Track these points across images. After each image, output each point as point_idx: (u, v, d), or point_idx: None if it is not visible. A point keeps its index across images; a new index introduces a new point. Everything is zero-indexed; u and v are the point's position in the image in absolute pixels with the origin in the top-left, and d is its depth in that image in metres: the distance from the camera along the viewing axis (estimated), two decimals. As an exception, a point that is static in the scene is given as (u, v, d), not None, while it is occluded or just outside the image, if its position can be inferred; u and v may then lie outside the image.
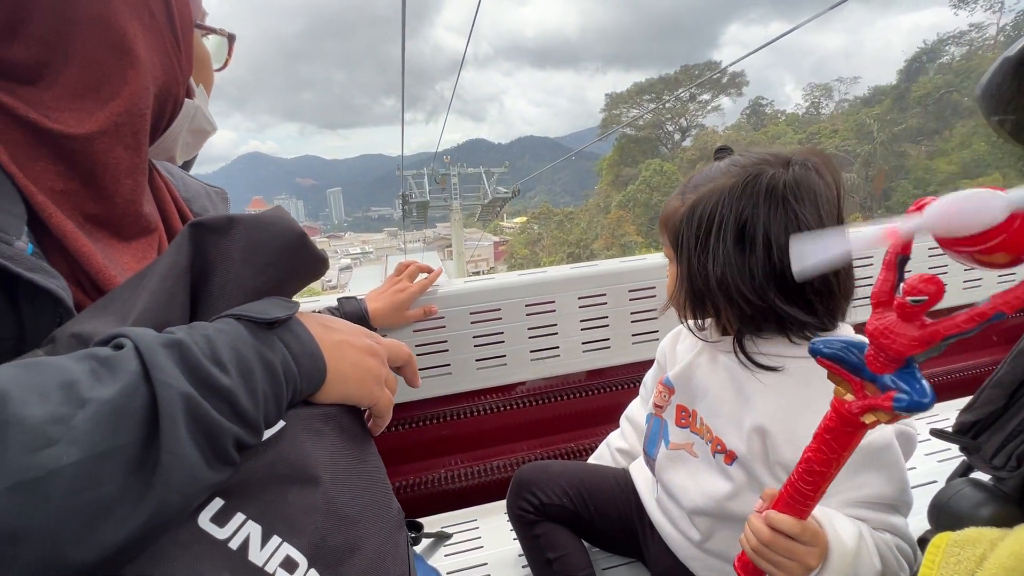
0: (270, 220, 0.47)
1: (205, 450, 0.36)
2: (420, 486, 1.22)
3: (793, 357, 0.65)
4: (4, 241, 0.41)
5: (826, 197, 0.62)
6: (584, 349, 1.25)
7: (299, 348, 0.45)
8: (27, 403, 0.30)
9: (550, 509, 0.89)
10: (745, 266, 0.62)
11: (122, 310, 0.43)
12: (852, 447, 0.48)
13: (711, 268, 0.64)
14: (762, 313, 0.63)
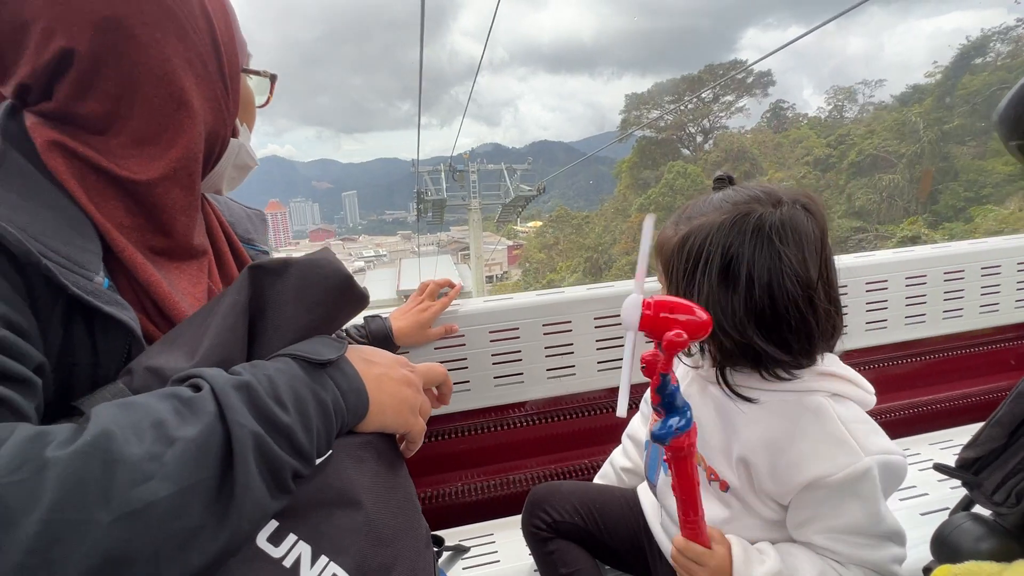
0: (320, 264, 0.53)
1: (269, 482, 0.41)
2: (439, 498, 1.27)
3: (765, 391, 0.67)
4: (86, 277, 0.46)
5: (812, 237, 0.63)
6: (599, 368, 1.29)
7: (347, 385, 0.50)
8: (128, 441, 0.35)
9: (562, 527, 0.93)
10: (728, 302, 0.63)
11: (190, 345, 0.48)
12: (685, 473, 0.59)
13: (695, 300, 0.65)
14: (741, 348, 0.64)
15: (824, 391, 0.64)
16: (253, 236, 0.77)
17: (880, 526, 0.62)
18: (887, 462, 0.61)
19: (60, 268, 0.44)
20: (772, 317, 0.62)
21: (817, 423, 0.63)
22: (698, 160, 34.40)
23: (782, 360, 0.63)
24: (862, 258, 1.41)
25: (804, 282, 0.62)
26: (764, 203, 0.64)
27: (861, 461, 0.59)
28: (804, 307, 0.62)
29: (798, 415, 0.64)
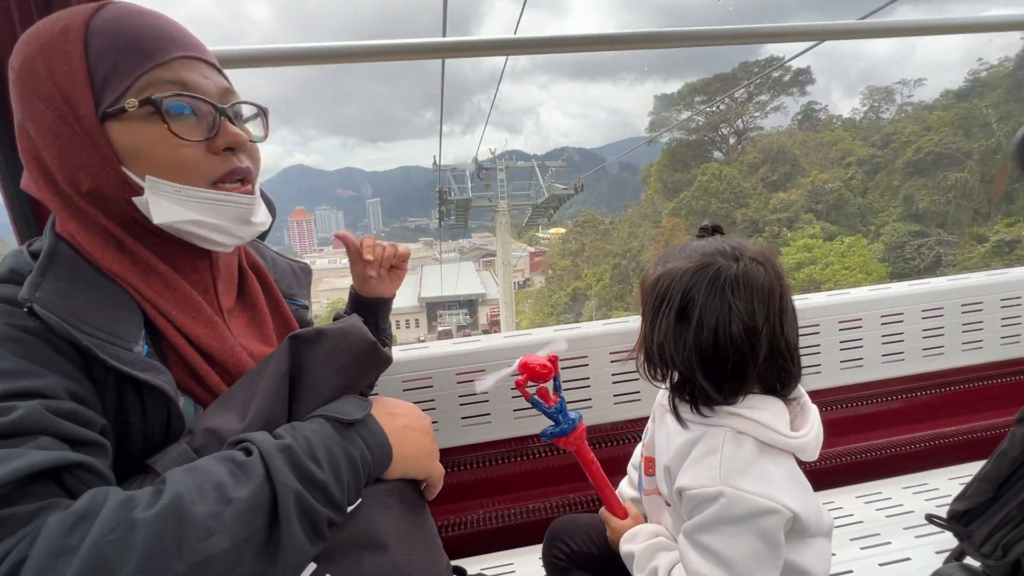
0: (348, 332, 0.61)
1: (308, 532, 0.49)
2: (458, 527, 1.33)
3: (694, 421, 0.76)
4: (125, 348, 0.54)
5: (767, 289, 0.71)
6: (615, 401, 1.34)
7: (373, 440, 0.58)
8: (195, 502, 0.43)
9: (579, 557, 0.98)
10: (681, 338, 0.73)
11: (240, 407, 0.56)
12: (583, 460, 0.89)
13: (655, 335, 0.75)
14: (684, 381, 0.76)
15: (728, 427, 0.72)
16: (295, 291, 0.85)
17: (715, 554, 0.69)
18: (740, 499, 0.67)
19: (101, 343, 0.52)
20: (714, 357, 0.71)
21: (705, 447, 0.73)
22: (733, 161, 32.90)
23: (712, 397, 0.73)
24: (835, 296, 1.43)
25: (748, 329, 0.70)
26: (727, 257, 0.73)
27: (715, 487, 0.68)
28: (745, 351, 0.70)
29: (700, 438, 0.74)
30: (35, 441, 0.44)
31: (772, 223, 28.26)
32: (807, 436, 0.73)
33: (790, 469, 0.72)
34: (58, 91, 0.54)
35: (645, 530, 0.87)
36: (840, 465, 1.47)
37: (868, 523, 1.23)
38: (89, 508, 0.41)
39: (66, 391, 0.49)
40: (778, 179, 30.36)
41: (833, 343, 1.41)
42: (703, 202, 29.73)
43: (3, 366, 0.47)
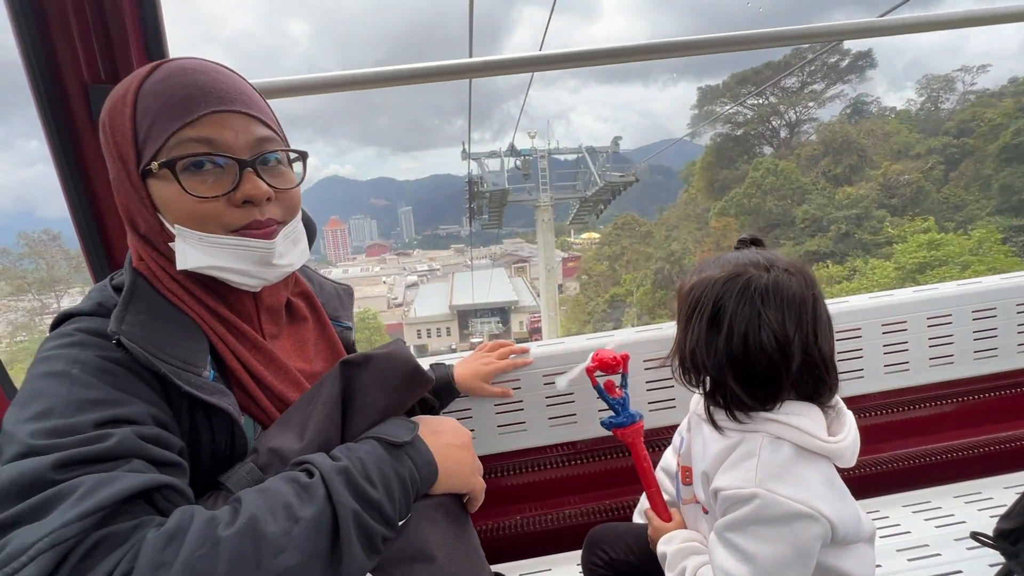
0: (394, 356, 0.66)
1: (365, 546, 0.53)
2: (498, 531, 1.36)
3: (729, 427, 0.77)
4: (195, 373, 0.60)
5: (798, 300, 0.72)
6: (650, 408, 1.34)
7: (420, 460, 0.62)
8: (267, 522, 0.48)
9: (618, 564, 1.00)
10: (712, 344, 0.75)
11: (299, 428, 0.61)
12: (636, 456, 0.98)
13: (688, 341, 0.78)
14: (717, 386, 0.78)
15: (766, 432, 0.73)
16: (340, 313, 0.91)
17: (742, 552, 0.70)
18: (774, 502, 0.68)
19: (177, 371, 0.58)
20: (744, 363, 0.73)
21: (742, 452, 0.74)
22: (788, 155, 30.39)
23: (745, 403, 0.74)
24: (877, 298, 1.39)
25: (780, 338, 0.71)
26: (758, 267, 0.75)
27: (749, 489, 0.70)
28: (777, 359, 0.71)
29: (738, 444, 0.75)
30: (129, 464, 0.49)
31: (839, 221, 25.44)
32: (844, 441, 0.73)
33: (827, 475, 0.73)
34: (117, 148, 0.61)
35: (681, 535, 0.89)
36: (886, 472, 1.42)
37: (916, 534, 1.20)
38: (179, 526, 0.46)
39: (150, 416, 0.55)
40: (842, 172, 28.04)
41: (876, 347, 1.37)
42: (756, 200, 27.35)
43: (98, 395, 0.53)
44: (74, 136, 1.03)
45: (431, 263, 71.37)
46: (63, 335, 0.58)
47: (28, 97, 1.00)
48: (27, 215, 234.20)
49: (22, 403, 0.52)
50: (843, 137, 28.87)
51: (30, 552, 0.41)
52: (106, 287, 0.65)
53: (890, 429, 1.46)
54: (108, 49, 1.03)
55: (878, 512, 1.28)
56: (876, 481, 1.41)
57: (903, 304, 1.37)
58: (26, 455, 0.47)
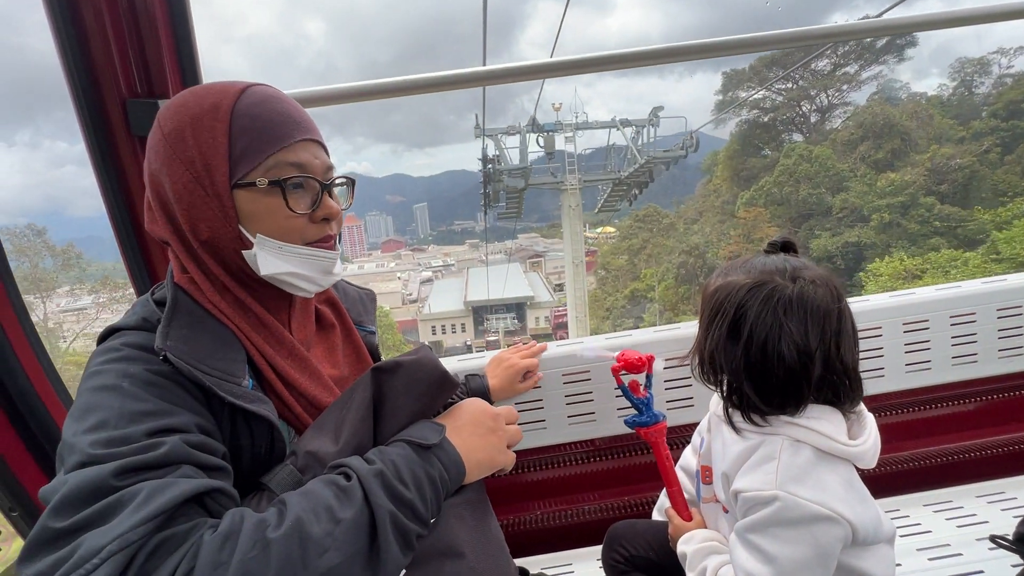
0: (422, 363, 0.69)
1: (401, 544, 0.57)
2: (520, 525, 1.39)
3: (748, 428, 0.78)
4: (235, 383, 0.64)
5: (823, 312, 0.73)
6: (669, 407, 1.36)
7: (448, 460, 0.65)
8: (311, 523, 0.52)
9: (638, 561, 1.02)
10: (731, 351, 0.76)
11: (334, 432, 0.65)
12: (658, 456, 0.99)
13: (708, 343, 0.79)
14: (734, 390, 0.80)
15: (786, 435, 0.75)
16: (363, 318, 0.95)
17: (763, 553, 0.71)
18: (795, 504, 0.69)
19: (219, 382, 0.62)
20: (762, 371, 0.74)
21: (763, 454, 0.75)
22: (824, 140, 28.10)
23: (759, 408, 0.76)
24: (898, 297, 1.38)
25: (801, 350, 0.71)
26: (784, 276, 0.75)
27: (770, 491, 0.71)
28: (796, 370, 0.72)
29: (758, 446, 0.77)
30: (179, 470, 0.53)
31: (881, 209, 23.52)
32: (865, 444, 0.74)
33: (847, 478, 0.74)
34: (200, 158, 0.65)
35: (701, 534, 0.90)
36: (906, 471, 1.42)
37: (937, 533, 1.20)
38: (231, 528, 0.50)
39: (196, 425, 0.59)
40: (884, 157, 26.04)
41: (898, 345, 1.37)
42: (789, 188, 25.42)
43: (147, 407, 0.57)
44: (114, 150, 1.08)
45: (446, 258, 71.42)
46: (111, 350, 0.62)
47: (54, 99, 1.06)
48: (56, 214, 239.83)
49: (78, 416, 0.56)
50: (884, 120, 26.78)
51: (101, 555, 0.45)
52: (148, 302, 0.69)
53: (912, 428, 1.46)
54: (144, 65, 1.08)
55: (899, 511, 1.29)
56: (898, 480, 1.41)
57: (926, 303, 1.36)
58: (87, 464, 0.51)
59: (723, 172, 32.40)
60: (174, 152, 0.65)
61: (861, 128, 27.00)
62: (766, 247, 0.85)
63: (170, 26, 1.07)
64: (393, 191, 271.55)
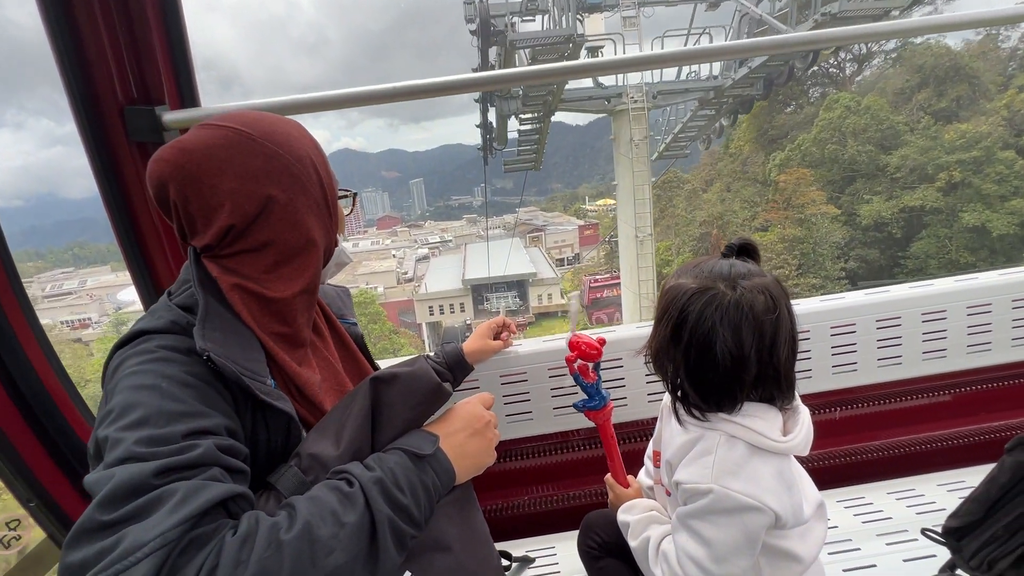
0: (418, 375, 0.74)
1: (398, 546, 0.63)
2: (507, 510, 1.48)
3: (691, 421, 0.85)
4: (262, 381, 0.69)
5: (759, 319, 0.77)
6: (649, 400, 1.43)
7: (440, 468, 0.71)
8: (319, 527, 0.57)
9: (610, 547, 1.10)
10: (673, 350, 0.82)
11: (335, 436, 0.70)
12: (603, 435, 1.12)
13: (655, 341, 0.85)
14: (675, 386, 0.85)
15: (723, 431, 0.81)
16: (344, 312, 1.01)
17: (701, 537, 0.80)
18: (727, 496, 0.77)
19: (252, 381, 0.67)
20: (699, 373, 0.80)
21: (701, 448, 0.82)
22: (875, 87, 24.18)
23: (699, 404, 0.82)
24: (827, 302, 1.45)
25: (734, 355, 0.77)
26: (725, 283, 0.79)
27: (706, 484, 0.78)
28: (730, 374, 0.77)
29: (698, 440, 0.83)
30: (209, 472, 0.58)
31: (950, 167, 19.51)
32: (796, 439, 0.81)
33: (778, 469, 0.80)
34: (329, 178, 0.79)
35: (641, 504, 1.00)
36: (874, 460, 1.52)
37: (896, 519, 1.28)
38: (249, 530, 0.55)
39: (225, 428, 0.64)
40: (948, 106, 21.84)
41: (870, 341, 1.44)
42: (833, 146, 21.51)
43: (184, 408, 0.62)
44: (113, 156, 1.11)
45: (443, 234, 70.49)
46: (147, 351, 0.66)
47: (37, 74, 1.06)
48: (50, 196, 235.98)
49: (119, 412, 0.60)
50: (950, 62, 22.20)
51: (144, 550, 0.50)
52: (171, 307, 0.72)
53: (881, 419, 1.54)
54: (140, 73, 1.11)
55: (863, 498, 1.37)
56: (864, 469, 1.50)
57: (898, 301, 1.43)
58: (129, 459, 0.56)
59: (745, 133, 28.60)
60: (296, 173, 0.74)
61: (919, 73, 22.76)
62: (723, 250, 0.89)
63: (165, 34, 1.09)
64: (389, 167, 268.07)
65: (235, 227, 0.70)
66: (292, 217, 0.73)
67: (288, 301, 0.75)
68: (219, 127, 0.71)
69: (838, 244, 21.86)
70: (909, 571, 1.13)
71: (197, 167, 0.69)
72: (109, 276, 48.18)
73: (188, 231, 0.73)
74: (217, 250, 0.73)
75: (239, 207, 0.70)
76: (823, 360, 1.45)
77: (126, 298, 38.00)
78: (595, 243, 47.82)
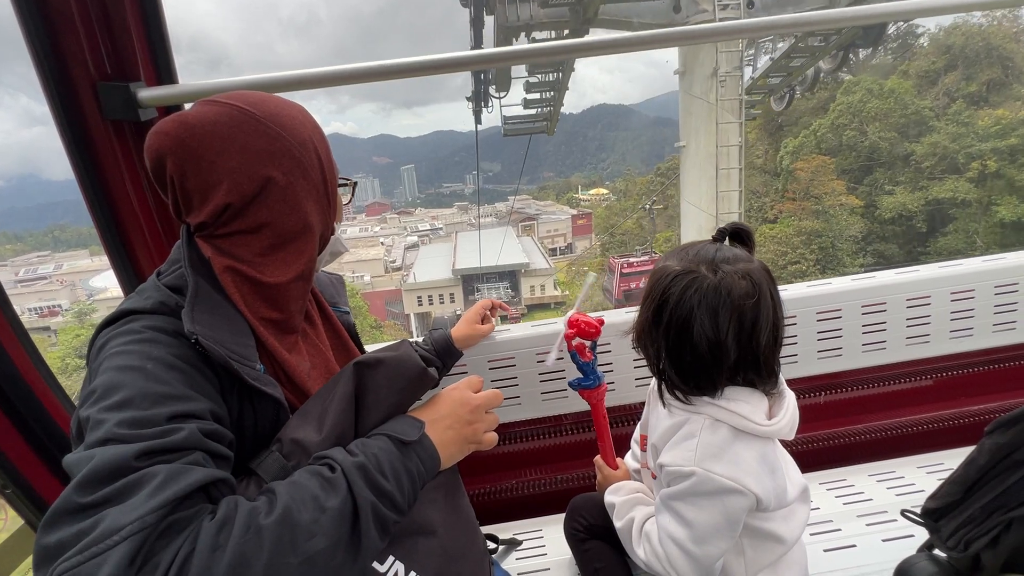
0: (402, 359, 0.73)
1: (380, 531, 0.63)
2: (495, 494, 1.48)
3: (675, 405, 0.85)
4: (251, 366, 0.68)
5: (738, 304, 0.76)
6: (636, 384, 1.44)
7: (425, 454, 0.70)
8: (300, 511, 0.57)
9: (596, 530, 1.10)
10: (655, 332, 0.83)
11: (317, 421, 0.69)
12: (596, 415, 1.13)
13: (639, 323, 0.86)
14: (656, 368, 0.86)
15: (707, 415, 0.82)
16: (337, 300, 0.99)
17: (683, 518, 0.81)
18: (708, 479, 0.78)
19: (240, 365, 0.66)
20: (678, 355, 0.81)
21: (686, 432, 0.83)
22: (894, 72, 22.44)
23: (680, 386, 0.83)
24: (814, 287, 1.45)
25: (711, 340, 0.77)
26: (708, 266, 0.79)
27: (689, 467, 0.79)
28: (707, 358, 0.78)
29: (683, 423, 0.84)
30: (191, 456, 0.57)
31: (984, 155, 17.90)
32: (780, 423, 0.81)
33: (761, 452, 0.81)
34: (331, 164, 0.78)
35: (628, 486, 1.01)
36: (857, 443, 1.54)
37: (877, 500, 1.31)
38: (227, 515, 0.55)
39: (210, 412, 0.62)
40: (978, 91, 20.43)
41: (856, 327, 1.45)
42: (851, 132, 20.12)
43: (169, 391, 0.60)
44: (87, 135, 1.08)
45: (433, 222, 69.92)
46: (133, 332, 0.64)
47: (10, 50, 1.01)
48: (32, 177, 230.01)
49: (102, 392, 0.58)
50: (983, 41, 20.47)
51: (122, 533, 0.49)
52: (160, 287, 0.70)
53: (866, 403, 1.56)
54: (114, 47, 1.07)
55: (845, 480, 1.39)
56: (851, 451, 1.52)
57: (885, 286, 1.44)
58: (111, 441, 0.54)
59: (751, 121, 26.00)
60: (298, 156, 0.72)
61: (947, 55, 21.22)
62: (715, 234, 0.88)
63: (139, 7, 1.05)
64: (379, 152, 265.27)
65: (232, 206, 0.69)
66: (290, 200, 0.72)
67: (282, 287, 0.73)
68: (224, 104, 0.70)
69: (854, 237, 20.90)
70: (888, 551, 1.15)
71: (199, 142, 0.67)
72: (86, 260, 46.96)
73: (183, 207, 0.71)
74: (212, 229, 0.71)
75: (237, 186, 0.68)
76: (809, 345, 1.46)
77: (99, 284, 36.74)
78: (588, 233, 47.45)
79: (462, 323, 1.29)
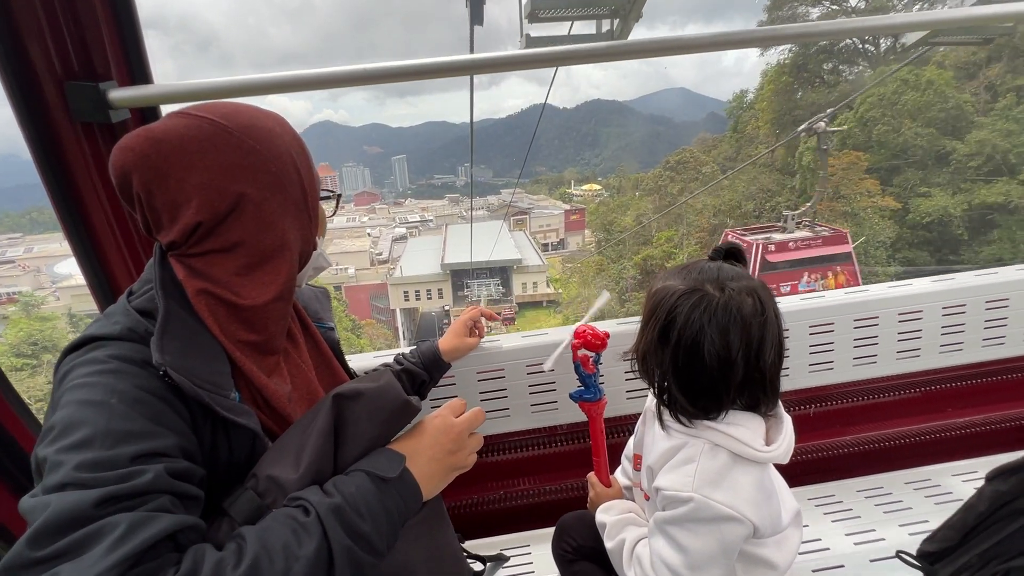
0: (384, 390, 0.70)
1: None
2: (481, 506, 1.46)
3: (674, 427, 0.83)
4: (224, 395, 0.65)
5: (746, 322, 0.75)
6: (627, 396, 1.41)
7: (405, 491, 0.67)
8: (271, 561, 0.54)
9: (585, 550, 1.08)
10: (661, 352, 0.81)
11: (294, 457, 0.66)
12: (593, 429, 1.11)
13: (642, 343, 0.84)
14: (661, 389, 0.84)
15: (706, 439, 0.80)
16: (322, 315, 0.95)
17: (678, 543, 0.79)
18: (707, 506, 0.76)
19: (211, 395, 0.62)
20: (687, 376, 0.79)
21: (684, 456, 0.81)
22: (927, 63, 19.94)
23: (686, 409, 0.81)
24: (807, 300, 1.44)
25: (722, 357, 0.75)
26: (714, 285, 0.78)
27: (687, 493, 0.77)
28: (717, 376, 0.76)
29: (681, 447, 0.82)
30: (157, 501, 0.54)
31: None
32: (778, 450, 0.80)
33: (758, 479, 0.80)
34: (312, 179, 0.74)
35: (619, 505, 0.99)
36: (846, 455, 1.54)
37: (865, 518, 1.30)
38: (192, 568, 0.51)
39: (179, 449, 0.59)
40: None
41: (847, 340, 1.44)
42: (884, 127, 18.12)
43: (134, 427, 0.56)
44: (55, 137, 1.02)
45: (424, 213, 69.20)
46: (98, 361, 0.60)
47: None
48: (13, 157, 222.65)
49: (61, 429, 0.55)
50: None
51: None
52: (130, 311, 0.66)
53: (850, 415, 1.56)
54: (83, 46, 1.01)
55: (833, 496, 1.39)
56: (833, 463, 1.51)
57: (877, 300, 1.42)
58: (70, 486, 0.51)
59: (764, 114, 25.48)
60: (277, 172, 0.69)
61: (990, 45, 18.60)
62: (710, 253, 0.88)
63: (109, 1, 0.99)
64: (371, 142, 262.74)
65: (203, 224, 0.65)
66: (266, 217, 0.68)
67: (260, 308, 0.69)
68: (194, 116, 0.66)
69: (885, 243, 19.09)
70: (876, 571, 1.14)
71: (164, 159, 0.63)
72: (56, 244, 44.03)
73: (153, 226, 0.68)
74: (184, 248, 0.67)
75: (208, 203, 0.64)
76: (800, 358, 1.44)
77: (64, 271, 34.74)
78: (581, 229, 47.12)
79: (450, 335, 1.26)
